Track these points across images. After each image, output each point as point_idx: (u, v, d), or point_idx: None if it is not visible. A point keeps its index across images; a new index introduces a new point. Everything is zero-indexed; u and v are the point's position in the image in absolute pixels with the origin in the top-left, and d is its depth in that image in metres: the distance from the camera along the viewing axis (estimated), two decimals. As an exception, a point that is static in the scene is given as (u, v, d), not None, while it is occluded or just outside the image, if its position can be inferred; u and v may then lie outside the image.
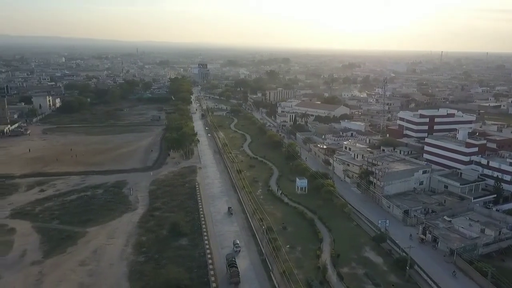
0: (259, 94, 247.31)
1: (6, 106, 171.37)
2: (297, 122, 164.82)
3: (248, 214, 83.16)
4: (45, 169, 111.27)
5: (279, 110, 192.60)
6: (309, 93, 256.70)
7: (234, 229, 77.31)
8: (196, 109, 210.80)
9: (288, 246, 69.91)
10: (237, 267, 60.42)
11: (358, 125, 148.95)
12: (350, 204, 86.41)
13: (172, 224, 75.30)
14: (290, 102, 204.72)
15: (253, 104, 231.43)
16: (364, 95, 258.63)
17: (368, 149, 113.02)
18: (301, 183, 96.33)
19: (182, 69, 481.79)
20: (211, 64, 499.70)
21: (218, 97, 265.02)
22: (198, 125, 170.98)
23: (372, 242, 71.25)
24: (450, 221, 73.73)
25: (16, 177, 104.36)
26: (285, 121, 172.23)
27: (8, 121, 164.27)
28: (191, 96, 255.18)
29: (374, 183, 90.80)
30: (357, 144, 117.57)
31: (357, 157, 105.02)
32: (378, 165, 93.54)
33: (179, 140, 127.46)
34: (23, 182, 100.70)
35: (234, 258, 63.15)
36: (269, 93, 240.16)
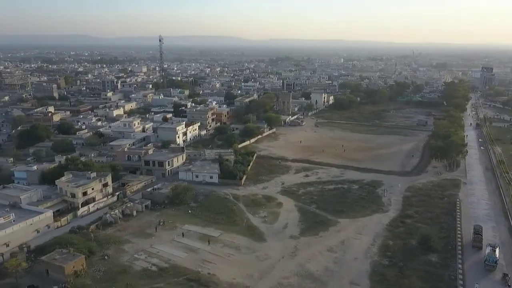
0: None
1: (291, 100, 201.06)
2: None
3: (521, 250, 68.62)
4: (311, 157, 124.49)
5: None
6: None
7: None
8: (470, 123, 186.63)
9: None
10: (481, 235, 69.25)
11: None
12: None
13: (423, 236, 70.66)
14: None
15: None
16: None
17: None
18: None
19: (460, 73, 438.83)
20: (498, 68, 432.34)
21: (501, 106, 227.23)
22: (470, 135, 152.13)
23: None
24: None
25: (289, 160, 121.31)
26: None
27: (290, 112, 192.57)
28: (467, 102, 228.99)
29: None
30: None
31: None
32: None
33: (445, 148, 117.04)
34: (293, 165, 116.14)
35: (481, 229, 71.26)
36: None
